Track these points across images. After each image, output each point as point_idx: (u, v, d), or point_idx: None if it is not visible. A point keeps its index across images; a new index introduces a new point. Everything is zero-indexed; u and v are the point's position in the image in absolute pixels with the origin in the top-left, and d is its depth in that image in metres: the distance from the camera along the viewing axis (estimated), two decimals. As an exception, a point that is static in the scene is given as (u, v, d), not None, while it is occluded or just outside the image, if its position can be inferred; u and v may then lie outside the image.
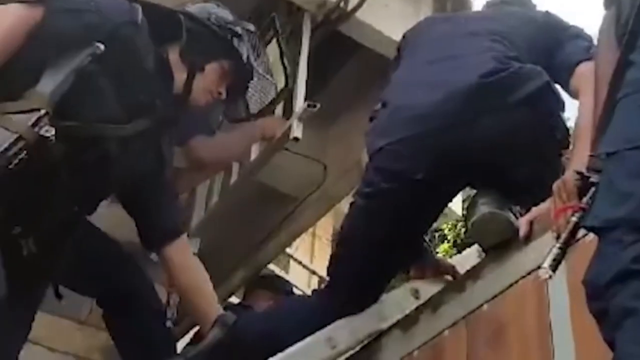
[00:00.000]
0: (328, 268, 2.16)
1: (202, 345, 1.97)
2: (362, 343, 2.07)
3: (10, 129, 1.62)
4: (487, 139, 1.86)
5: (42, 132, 1.65)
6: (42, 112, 1.67)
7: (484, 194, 1.91)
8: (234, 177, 3.08)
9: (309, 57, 2.75)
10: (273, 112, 2.82)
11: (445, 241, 8.08)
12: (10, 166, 1.59)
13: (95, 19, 1.82)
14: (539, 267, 1.59)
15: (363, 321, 2.07)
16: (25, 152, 1.61)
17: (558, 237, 1.46)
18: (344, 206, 3.18)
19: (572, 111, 1.92)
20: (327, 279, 2.17)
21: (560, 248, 1.24)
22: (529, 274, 1.66)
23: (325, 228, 6.69)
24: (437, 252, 7.94)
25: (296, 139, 2.56)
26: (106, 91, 1.84)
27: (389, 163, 1.94)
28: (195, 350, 1.97)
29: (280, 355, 1.95)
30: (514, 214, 1.83)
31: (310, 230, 5.13)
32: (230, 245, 3.21)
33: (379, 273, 2.07)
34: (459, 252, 8.24)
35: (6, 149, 1.59)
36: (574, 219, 1.28)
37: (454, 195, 2.09)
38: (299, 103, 2.59)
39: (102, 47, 1.78)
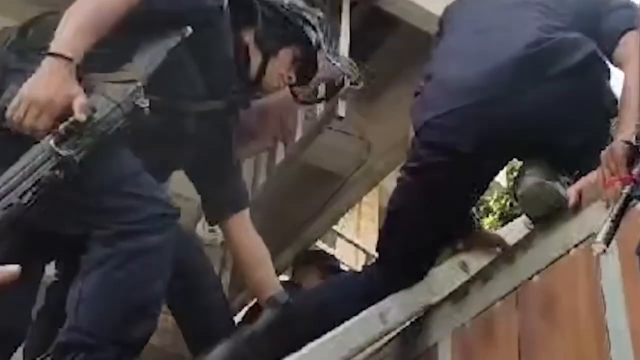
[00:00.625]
0: (377, 244, 2.18)
1: (256, 325, 2.01)
2: (413, 318, 2.09)
3: (110, 98, 1.75)
4: (535, 110, 1.84)
5: (137, 102, 1.78)
6: (139, 84, 1.80)
7: (532, 165, 1.90)
8: (279, 158, 3.10)
9: (349, 35, 2.76)
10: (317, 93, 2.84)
11: (491, 214, 8.03)
12: (109, 132, 1.73)
13: (190, 3, 1.96)
14: (589, 237, 1.62)
15: (413, 296, 2.08)
16: (122, 120, 1.75)
17: (608, 207, 1.47)
18: (388, 183, 3.22)
19: (617, 80, 1.91)
20: (377, 254, 2.18)
21: (612, 221, 1.24)
22: (579, 243, 1.65)
23: (371, 205, 6.70)
24: (483, 225, 7.92)
25: (340, 117, 2.58)
26: (190, 71, 1.98)
27: (435, 137, 1.94)
28: (249, 330, 2.00)
29: (334, 331, 1.97)
30: (562, 184, 1.83)
31: (356, 207, 5.15)
32: (278, 225, 3.25)
33: (428, 247, 2.08)
34: (505, 224, 8.20)
35: (106, 115, 1.73)
36: (625, 191, 1.27)
37: (501, 167, 2.09)
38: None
39: (190, 30, 1.91)
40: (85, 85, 1.75)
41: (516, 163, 2.12)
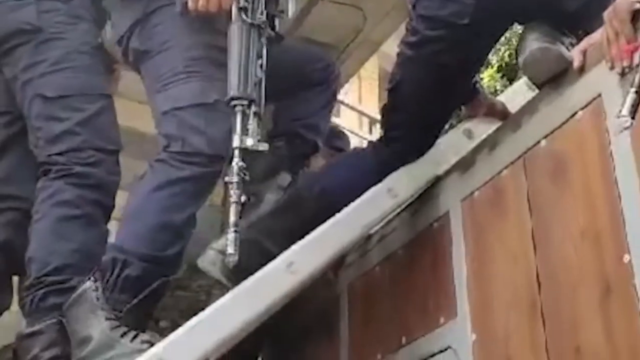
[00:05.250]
0: (381, 120, 2.16)
1: (261, 210, 2.03)
2: (422, 189, 2.10)
3: None
4: None
5: None
6: None
7: (533, 29, 1.85)
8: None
9: None
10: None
11: (489, 67, 7.96)
12: None
13: None
14: (595, 99, 1.60)
15: (420, 168, 2.09)
16: None
17: (613, 68, 1.45)
18: (385, 45, 3.19)
19: None
20: (381, 130, 2.17)
21: (636, 92, 1.21)
22: (586, 106, 1.63)
23: (370, 68, 6.65)
24: (482, 79, 7.86)
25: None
26: None
27: (433, 10, 1.88)
28: (255, 215, 2.02)
29: (346, 210, 2.00)
30: (566, 46, 1.79)
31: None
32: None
33: (433, 119, 2.08)
34: (504, 76, 8.15)
35: None
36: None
37: (502, 34, 2.04)
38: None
39: None
40: None
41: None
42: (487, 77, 7.80)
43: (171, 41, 1.96)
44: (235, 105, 1.76)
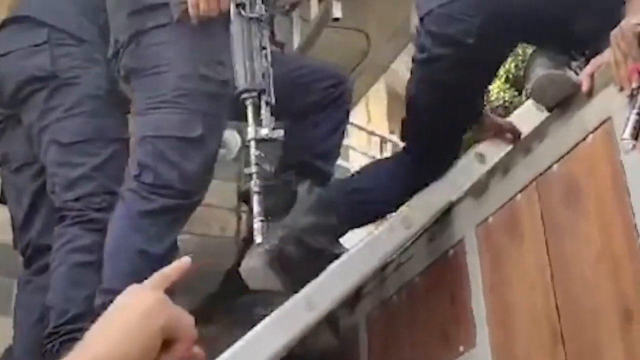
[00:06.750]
0: (402, 133, 2.20)
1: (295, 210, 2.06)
2: (436, 217, 2.09)
3: None
4: None
5: None
6: None
7: (540, 54, 1.85)
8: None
9: None
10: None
11: (497, 78, 7.93)
12: None
13: None
14: (605, 121, 1.59)
15: (434, 195, 2.09)
16: None
17: (622, 90, 1.44)
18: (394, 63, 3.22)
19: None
20: (402, 140, 2.22)
21: (638, 114, 1.21)
22: (596, 129, 1.63)
23: (376, 86, 6.64)
24: (490, 91, 7.83)
25: (336, 19, 2.52)
26: None
27: (440, 27, 1.89)
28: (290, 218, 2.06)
29: (361, 243, 1.99)
30: (574, 70, 1.79)
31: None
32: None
33: (445, 134, 2.10)
34: (511, 87, 8.12)
35: None
36: None
37: (509, 53, 2.05)
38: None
39: None
40: None
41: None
42: (495, 89, 7.78)
43: (164, 66, 1.92)
44: (245, 99, 1.77)
